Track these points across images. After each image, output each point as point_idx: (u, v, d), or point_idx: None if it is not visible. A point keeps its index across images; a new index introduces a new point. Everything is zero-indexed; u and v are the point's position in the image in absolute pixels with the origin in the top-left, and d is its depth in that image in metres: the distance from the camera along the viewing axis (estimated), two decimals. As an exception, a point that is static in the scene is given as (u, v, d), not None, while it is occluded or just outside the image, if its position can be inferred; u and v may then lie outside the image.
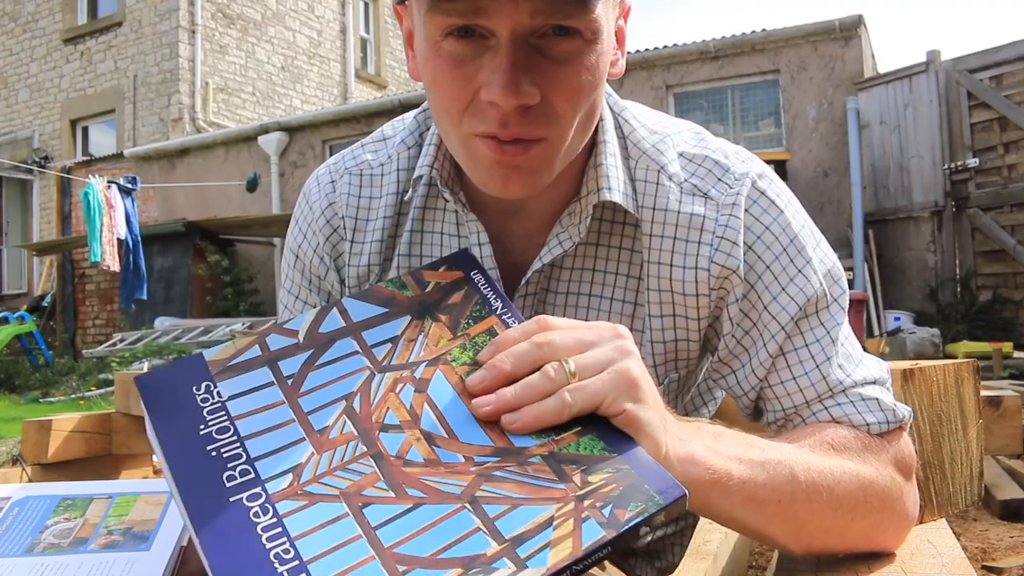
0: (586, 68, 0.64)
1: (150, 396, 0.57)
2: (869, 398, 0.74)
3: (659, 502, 0.50)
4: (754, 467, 0.63)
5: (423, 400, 0.57)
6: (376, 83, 15.09)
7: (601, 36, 0.64)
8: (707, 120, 8.32)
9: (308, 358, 0.60)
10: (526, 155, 0.66)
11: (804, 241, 0.76)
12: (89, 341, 10.97)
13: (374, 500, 0.51)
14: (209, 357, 0.60)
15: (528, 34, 0.62)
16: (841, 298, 0.78)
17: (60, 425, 2.02)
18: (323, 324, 0.63)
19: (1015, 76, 6.97)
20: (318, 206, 0.88)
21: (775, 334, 0.75)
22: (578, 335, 0.58)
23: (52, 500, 0.80)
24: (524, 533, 0.48)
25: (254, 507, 0.50)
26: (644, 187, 0.78)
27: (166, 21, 11.83)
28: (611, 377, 0.55)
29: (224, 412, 0.56)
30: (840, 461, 0.68)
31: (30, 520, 0.77)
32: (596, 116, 0.72)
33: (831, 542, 0.70)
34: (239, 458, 0.53)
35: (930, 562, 0.70)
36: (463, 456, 0.53)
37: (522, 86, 0.61)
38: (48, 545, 0.74)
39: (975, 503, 1.06)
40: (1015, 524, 2.47)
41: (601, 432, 0.55)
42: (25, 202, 13.36)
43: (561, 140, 0.67)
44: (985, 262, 7.19)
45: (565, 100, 0.65)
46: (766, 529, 0.66)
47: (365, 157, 0.88)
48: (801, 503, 0.65)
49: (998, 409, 1.16)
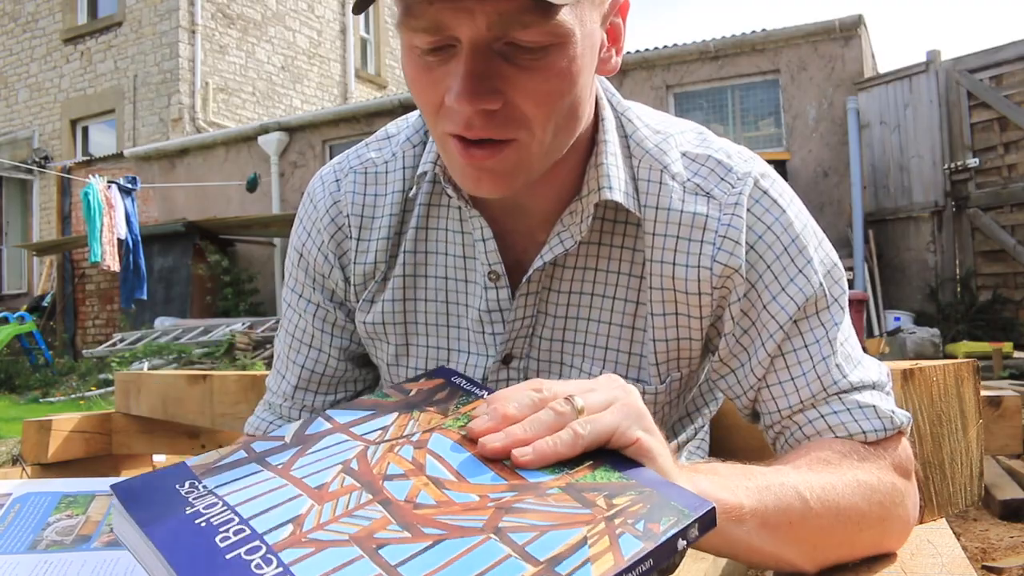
0: (554, 74, 0.64)
1: (128, 497, 0.52)
2: (866, 405, 0.73)
3: (689, 515, 0.48)
4: (761, 492, 0.62)
5: (424, 453, 0.55)
6: (376, 83, 15.09)
7: (572, 39, 0.63)
8: (707, 120, 8.32)
9: (297, 451, 0.58)
10: (495, 158, 0.67)
11: (806, 241, 0.77)
12: (89, 341, 10.97)
13: (389, 541, 0.46)
14: (192, 463, 0.57)
15: (490, 42, 0.62)
16: (841, 298, 0.78)
17: (60, 425, 2.02)
18: (309, 428, 0.61)
19: (1015, 76, 6.97)
20: (322, 205, 0.88)
21: (773, 333, 0.75)
22: (577, 382, 0.58)
23: (53, 497, 0.80)
24: (559, 554, 0.45)
25: (255, 559, 0.46)
26: (647, 186, 0.78)
27: (166, 21, 11.83)
28: (620, 408, 0.55)
29: (211, 495, 0.52)
30: (840, 475, 0.68)
31: (32, 517, 0.77)
32: (580, 116, 0.71)
33: (842, 555, 0.70)
34: (231, 522, 0.49)
35: (930, 562, 0.70)
36: (478, 495, 0.50)
37: (479, 93, 0.62)
38: (51, 542, 0.73)
39: (975, 503, 1.06)
40: (1015, 524, 2.47)
41: (614, 464, 0.53)
42: (25, 202, 13.36)
43: (534, 142, 0.67)
44: (985, 262, 7.19)
45: (533, 105, 0.65)
46: (781, 553, 0.65)
47: (370, 155, 0.88)
48: (811, 521, 0.65)
49: (998, 409, 1.16)
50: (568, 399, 0.55)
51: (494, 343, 0.83)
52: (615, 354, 0.81)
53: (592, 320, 0.81)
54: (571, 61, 0.64)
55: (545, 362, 0.83)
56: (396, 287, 0.86)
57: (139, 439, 2.03)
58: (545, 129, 0.67)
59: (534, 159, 0.69)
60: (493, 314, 0.82)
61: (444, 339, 0.86)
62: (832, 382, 0.74)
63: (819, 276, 0.76)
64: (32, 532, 0.74)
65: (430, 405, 0.63)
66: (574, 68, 0.65)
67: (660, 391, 0.81)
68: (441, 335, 0.86)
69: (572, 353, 0.82)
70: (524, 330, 0.82)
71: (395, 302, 0.86)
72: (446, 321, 0.85)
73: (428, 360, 0.86)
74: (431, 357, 0.86)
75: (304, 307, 0.91)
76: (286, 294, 0.94)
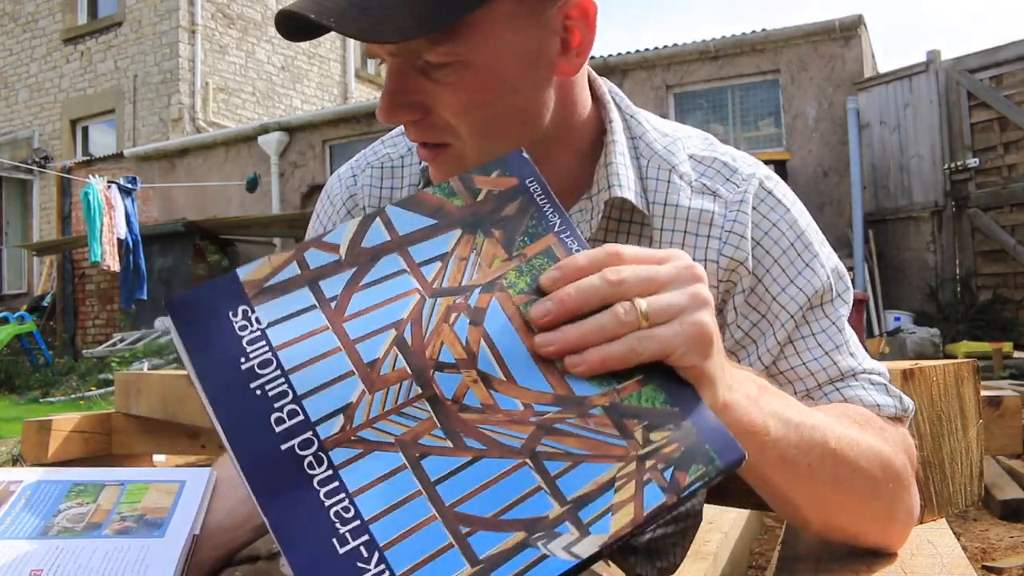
0: (465, 88, 0.69)
1: (184, 323, 0.52)
2: (879, 383, 0.76)
3: (718, 465, 0.48)
4: (790, 427, 0.62)
5: (479, 335, 0.53)
6: (376, 83, 15.09)
7: (480, 56, 0.67)
8: (707, 120, 8.32)
9: (352, 277, 0.55)
10: (436, 160, 0.75)
11: (811, 237, 0.79)
12: (89, 341, 10.98)
13: (432, 451, 0.48)
14: (244, 277, 0.55)
15: (409, 61, 0.69)
16: (845, 294, 0.80)
17: (60, 425, 2.02)
18: (366, 237, 0.57)
19: (1015, 76, 6.97)
20: (339, 199, 0.92)
21: (784, 323, 0.77)
22: (652, 272, 0.54)
23: (64, 485, 0.81)
24: (586, 495, 0.47)
25: (307, 456, 0.47)
26: (655, 184, 0.80)
27: (166, 21, 11.83)
28: (685, 329, 0.52)
29: (265, 342, 0.52)
30: (864, 435, 0.69)
31: (43, 504, 0.78)
32: (530, 119, 0.73)
33: (846, 521, 0.71)
34: (285, 396, 0.50)
35: (930, 562, 0.70)
36: (522, 404, 0.51)
37: (394, 107, 0.70)
38: (62, 528, 0.74)
39: (975, 503, 1.06)
40: (1015, 524, 2.47)
41: (662, 382, 0.52)
42: (25, 202, 13.37)
43: (467, 146, 0.72)
44: (985, 262, 7.19)
45: (452, 115, 0.70)
46: (791, 493, 0.66)
47: (386, 151, 0.92)
48: (829, 470, 0.65)
49: (998, 409, 1.16)
50: (633, 304, 0.51)
51: None
52: None
53: None
54: (484, 76, 0.68)
55: None
56: None
57: (139, 439, 2.03)
58: (475, 136, 0.71)
59: (471, 162, 0.72)
60: None
61: None
62: (848, 367, 0.76)
63: (826, 270, 0.78)
64: (43, 519, 0.75)
65: (496, 227, 0.59)
66: (489, 82, 0.69)
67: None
68: None
69: None
70: None
71: None
72: None
73: None
74: None
75: None
76: None
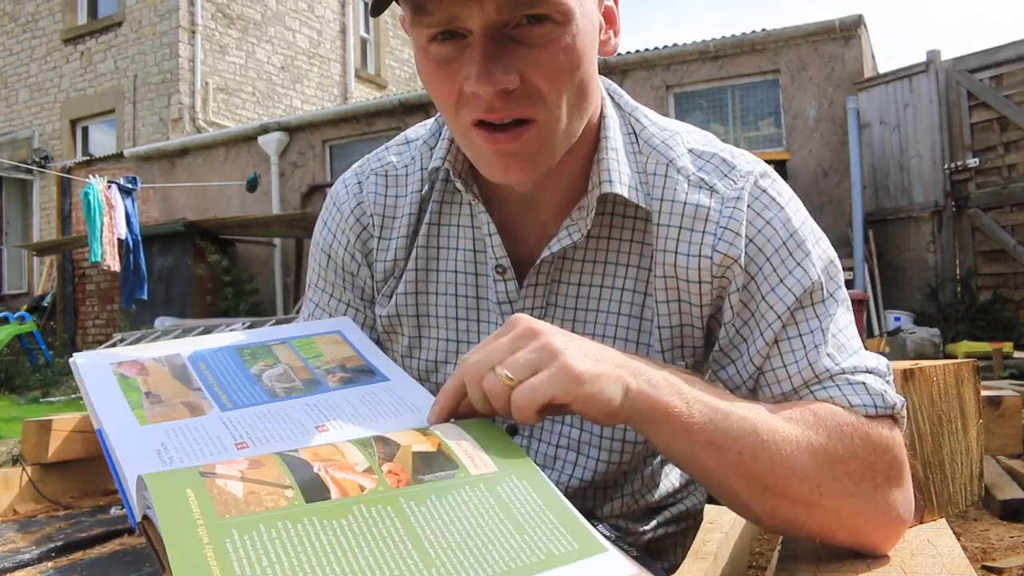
0: (563, 49, 0.68)
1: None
2: (856, 383, 0.74)
3: None
4: (717, 413, 0.65)
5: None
6: (376, 83, 15.09)
7: (574, 17, 0.68)
8: (707, 120, 8.32)
9: None
10: (518, 141, 0.71)
11: (803, 236, 0.79)
12: (89, 341, 10.97)
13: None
14: None
15: (501, 27, 0.67)
16: (837, 293, 0.79)
17: (60, 425, 2.02)
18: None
19: (1015, 76, 6.97)
20: (347, 207, 0.92)
21: (771, 323, 0.77)
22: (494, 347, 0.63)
23: (229, 352, 0.75)
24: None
25: None
26: (654, 179, 0.81)
27: (166, 21, 11.83)
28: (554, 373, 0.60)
29: None
30: (813, 433, 0.68)
31: (231, 371, 0.72)
32: (590, 97, 0.75)
33: (800, 517, 0.69)
34: None
35: (930, 562, 0.70)
36: None
37: (495, 73, 0.66)
38: (286, 388, 0.70)
39: (975, 503, 1.07)
40: (1015, 524, 2.47)
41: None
42: (25, 202, 13.36)
43: (552, 120, 0.71)
44: (985, 262, 7.19)
45: (546, 80, 0.69)
46: (727, 479, 0.67)
47: (390, 159, 0.93)
48: (763, 462, 0.66)
49: (998, 409, 1.16)
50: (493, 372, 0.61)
51: None
52: (623, 344, 0.83)
53: (600, 311, 0.84)
54: (575, 37, 0.69)
55: None
56: (409, 280, 0.89)
57: (139, 439, 2.03)
58: (560, 106, 0.71)
59: (554, 139, 0.73)
60: (503, 306, 0.85)
61: (454, 331, 0.89)
62: (824, 369, 0.75)
63: (816, 270, 0.78)
64: (251, 384, 0.70)
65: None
66: (579, 44, 0.69)
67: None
68: (451, 327, 0.89)
69: None
70: None
71: (408, 295, 0.89)
72: (455, 314, 0.88)
73: (439, 351, 0.90)
74: (441, 349, 0.90)
75: (335, 307, 0.94)
76: (313, 295, 0.96)
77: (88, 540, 2.03)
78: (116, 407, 0.65)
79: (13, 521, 2.16)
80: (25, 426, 2.11)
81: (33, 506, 2.26)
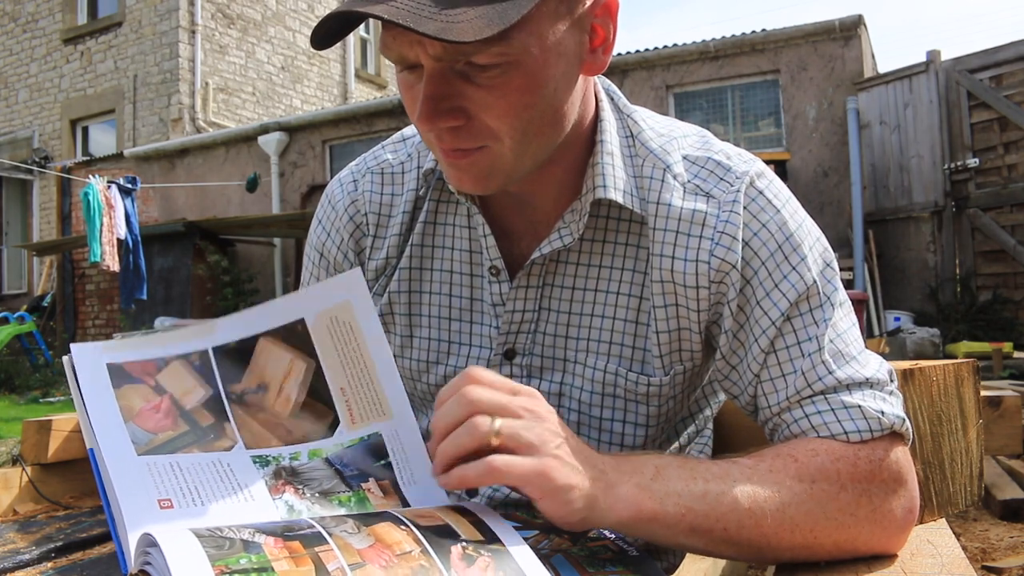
0: (512, 90, 0.67)
1: None
2: (851, 405, 0.72)
3: None
4: (693, 499, 0.65)
5: None
6: (376, 83, 15.09)
7: (528, 56, 0.67)
8: (707, 120, 8.32)
9: None
10: (468, 160, 0.71)
11: (799, 239, 0.78)
12: (89, 341, 10.96)
13: None
14: None
15: (449, 65, 0.67)
16: (834, 296, 0.77)
17: (60, 425, 2.02)
18: None
19: (1015, 76, 6.97)
20: (341, 205, 0.92)
21: (766, 329, 0.76)
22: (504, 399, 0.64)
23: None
24: None
25: None
26: (650, 183, 0.80)
27: (166, 21, 11.83)
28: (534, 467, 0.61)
29: None
30: (796, 483, 0.68)
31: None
32: (562, 119, 0.74)
33: (803, 555, 0.70)
34: None
35: (930, 562, 0.70)
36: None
37: (437, 113, 0.67)
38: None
39: (975, 503, 1.07)
40: (1015, 524, 2.47)
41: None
42: (25, 202, 13.36)
43: (505, 149, 0.71)
44: (985, 262, 7.19)
45: (496, 119, 0.69)
46: (719, 551, 0.68)
47: (386, 157, 0.92)
48: (750, 529, 0.66)
49: (998, 409, 1.16)
50: (489, 418, 0.62)
51: (497, 336, 0.85)
52: (619, 348, 0.83)
53: (596, 316, 0.83)
54: (531, 76, 0.68)
55: (548, 358, 0.85)
56: (402, 279, 0.89)
57: (139, 439, 2.03)
58: (514, 138, 0.70)
59: (508, 163, 0.72)
60: (497, 308, 0.85)
61: (446, 332, 0.88)
62: (817, 378, 0.74)
63: (812, 274, 0.76)
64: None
65: None
66: (536, 82, 0.68)
67: (664, 383, 0.83)
68: (443, 327, 0.88)
69: (576, 349, 0.84)
70: (526, 325, 0.84)
71: (400, 293, 0.89)
72: (448, 314, 0.88)
73: (430, 352, 0.89)
74: (432, 349, 0.89)
75: None
76: None
77: (88, 540, 2.03)
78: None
79: (13, 521, 2.16)
80: (25, 426, 2.11)
81: (33, 506, 2.26)
